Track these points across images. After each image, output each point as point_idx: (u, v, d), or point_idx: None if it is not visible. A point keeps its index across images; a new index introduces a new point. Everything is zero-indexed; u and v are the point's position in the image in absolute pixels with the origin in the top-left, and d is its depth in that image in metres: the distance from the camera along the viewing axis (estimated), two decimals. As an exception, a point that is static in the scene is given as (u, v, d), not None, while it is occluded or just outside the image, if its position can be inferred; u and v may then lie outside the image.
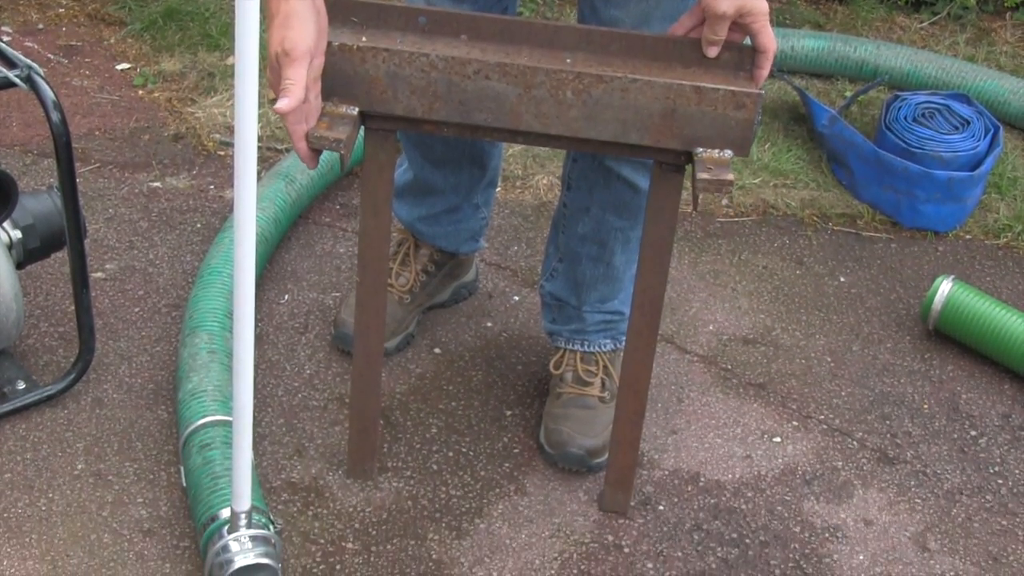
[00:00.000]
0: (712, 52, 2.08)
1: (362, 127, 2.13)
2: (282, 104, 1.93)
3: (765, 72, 2.09)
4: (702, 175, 2.00)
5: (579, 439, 2.53)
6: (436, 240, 2.83)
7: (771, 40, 2.06)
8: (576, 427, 2.55)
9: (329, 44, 2.01)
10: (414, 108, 2.07)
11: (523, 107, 2.05)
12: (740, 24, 2.05)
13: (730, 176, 2.00)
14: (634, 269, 2.52)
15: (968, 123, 3.48)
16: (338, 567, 2.31)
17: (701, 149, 2.05)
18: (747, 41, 2.09)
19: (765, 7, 2.03)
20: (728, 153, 2.05)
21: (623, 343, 2.60)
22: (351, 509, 2.43)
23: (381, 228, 2.24)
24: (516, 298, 3.02)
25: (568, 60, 2.08)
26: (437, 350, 2.84)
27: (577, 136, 2.08)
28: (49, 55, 3.90)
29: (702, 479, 2.58)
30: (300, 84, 1.94)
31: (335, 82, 2.04)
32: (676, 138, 2.05)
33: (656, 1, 2.24)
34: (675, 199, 2.17)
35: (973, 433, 2.77)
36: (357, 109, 2.06)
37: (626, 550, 2.41)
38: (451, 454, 2.58)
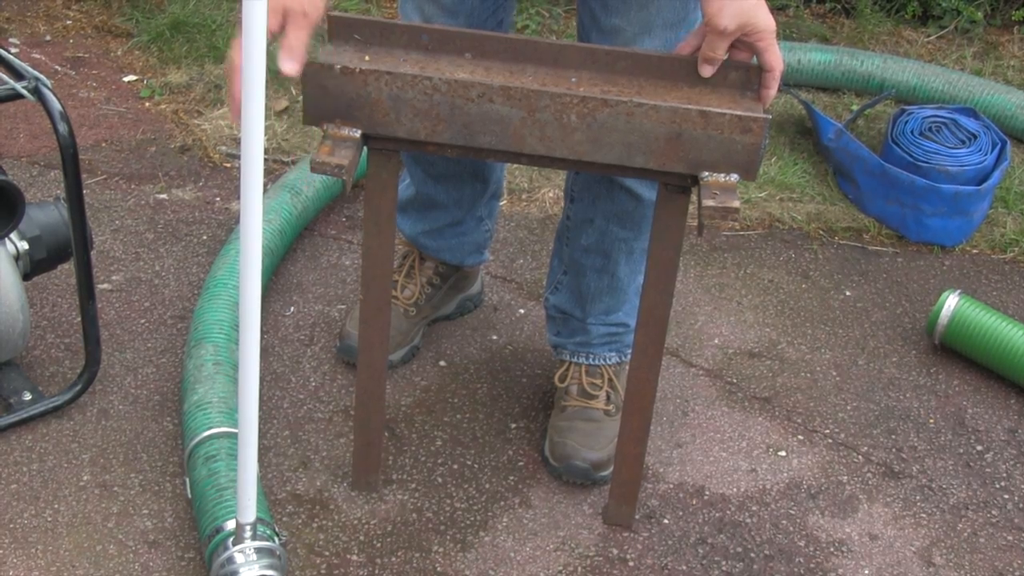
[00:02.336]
0: (707, 72, 2.05)
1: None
2: (289, 67, 1.93)
3: (772, 92, 2.07)
4: (708, 202, 1.97)
5: (584, 452, 2.53)
6: (440, 253, 2.83)
7: (778, 59, 2.04)
8: (580, 440, 2.54)
9: (331, 67, 1.99)
10: (417, 131, 2.05)
11: (527, 130, 2.03)
12: (745, 43, 2.04)
13: (736, 203, 1.97)
14: (639, 281, 2.52)
15: (975, 137, 3.48)
16: (342, 579, 2.32)
17: (707, 173, 2.03)
18: (754, 60, 2.08)
19: (772, 24, 2.01)
20: (734, 177, 2.03)
21: (628, 356, 2.60)
22: (356, 521, 2.43)
23: (384, 246, 2.24)
24: (521, 311, 3.02)
25: (573, 79, 2.07)
26: (442, 363, 2.85)
27: (582, 159, 2.06)
28: (56, 67, 3.91)
29: (707, 493, 2.58)
30: (303, 47, 1.94)
31: (338, 105, 2.03)
32: (682, 162, 2.03)
33: (657, 9, 2.23)
34: (680, 220, 2.15)
35: (979, 448, 2.76)
36: (360, 132, 2.05)
37: (631, 563, 2.40)
38: (456, 467, 2.58)
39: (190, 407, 2.43)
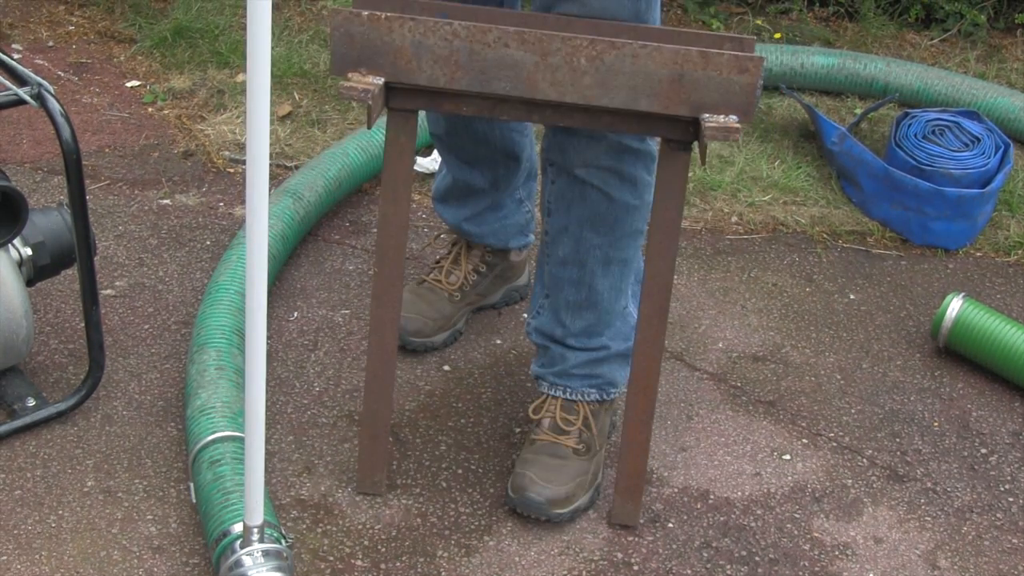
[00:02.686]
0: None
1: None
2: None
3: None
4: (710, 124, 2.09)
5: (540, 486, 2.44)
6: (484, 239, 2.87)
7: None
8: (541, 474, 2.46)
9: (359, 14, 2.11)
10: (436, 78, 2.16)
11: (539, 75, 2.14)
12: None
13: (737, 124, 2.09)
14: (623, 301, 2.49)
15: (978, 140, 3.48)
16: (347, 584, 2.32)
17: (707, 115, 2.12)
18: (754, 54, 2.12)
19: None
20: (733, 118, 2.12)
21: (611, 394, 2.56)
22: (360, 526, 2.42)
23: (400, 216, 2.30)
24: (525, 315, 3.02)
25: None
26: (446, 367, 2.84)
27: (590, 104, 2.15)
28: (59, 72, 3.91)
29: (711, 496, 2.58)
30: None
31: (363, 52, 2.14)
32: (684, 104, 2.13)
33: None
34: (682, 177, 2.24)
35: (983, 451, 2.76)
36: (383, 80, 2.15)
37: (635, 567, 2.40)
38: (460, 471, 2.57)
39: (193, 412, 2.43)
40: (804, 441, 2.74)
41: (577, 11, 2.25)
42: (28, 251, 2.56)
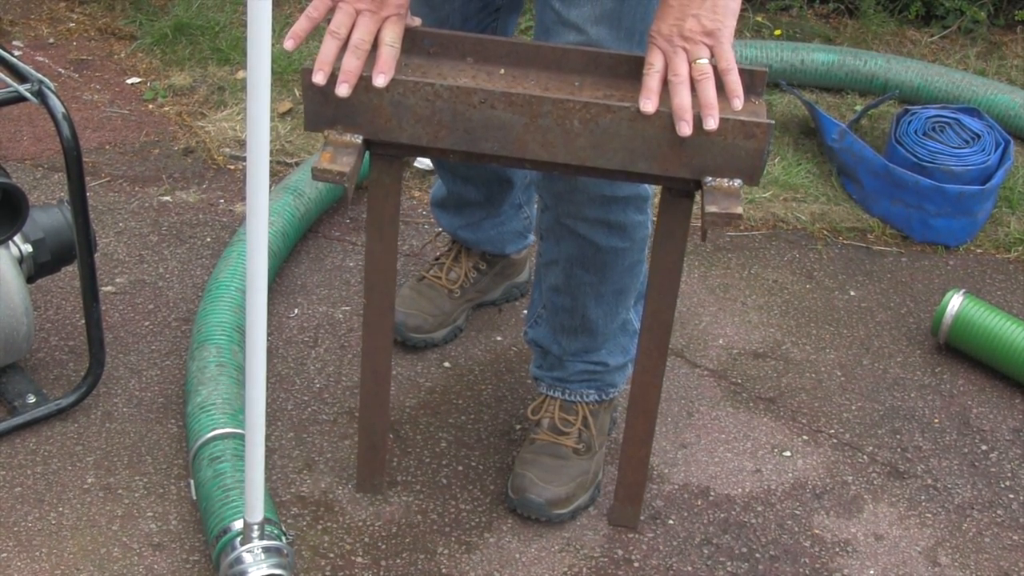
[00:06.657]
0: (648, 106, 1.97)
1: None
2: (341, 90, 1.99)
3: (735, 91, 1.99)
4: (711, 208, 1.96)
5: (540, 487, 2.43)
6: (481, 245, 2.87)
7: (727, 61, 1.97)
8: (541, 474, 2.45)
9: (333, 73, 2.00)
10: (419, 136, 2.04)
11: (529, 136, 2.01)
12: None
13: (739, 209, 1.95)
14: (619, 320, 2.47)
15: (979, 137, 3.47)
16: (347, 581, 2.32)
17: (710, 178, 2.01)
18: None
19: (713, 26, 1.94)
20: (738, 182, 2.00)
21: (610, 395, 2.55)
22: (361, 523, 2.43)
23: (387, 252, 2.23)
24: (525, 311, 3.01)
25: (576, 83, 2.06)
26: (447, 364, 2.84)
27: (584, 164, 2.04)
28: (60, 69, 3.91)
29: (712, 493, 2.58)
30: (357, 72, 2.00)
31: (338, 111, 2.02)
32: (685, 167, 2.01)
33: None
34: (684, 224, 2.13)
35: (984, 447, 2.76)
36: (361, 137, 2.04)
37: (636, 564, 2.40)
38: (460, 468, 2.57)
39: (193, 409, 2.43)
40: (804, 438, 2.74)
41: (574, 39, 2.11)
42: (28, 248, 2.56)
